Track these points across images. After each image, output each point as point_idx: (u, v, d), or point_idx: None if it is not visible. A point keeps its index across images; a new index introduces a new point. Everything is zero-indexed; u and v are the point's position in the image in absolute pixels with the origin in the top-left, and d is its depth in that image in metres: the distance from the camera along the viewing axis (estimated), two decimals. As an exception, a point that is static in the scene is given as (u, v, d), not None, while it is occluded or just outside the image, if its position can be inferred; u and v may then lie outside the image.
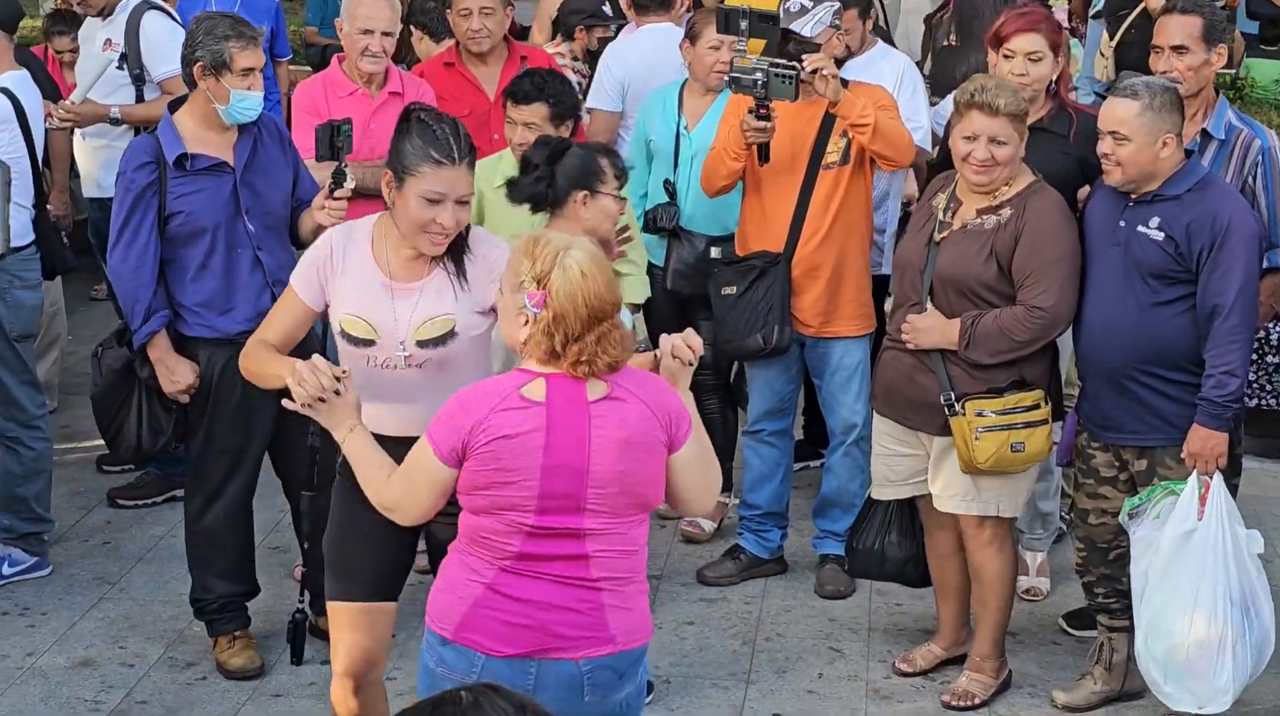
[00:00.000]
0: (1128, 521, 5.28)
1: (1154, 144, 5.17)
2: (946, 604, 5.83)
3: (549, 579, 3.84)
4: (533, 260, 3.76)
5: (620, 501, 3.83)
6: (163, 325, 5.60)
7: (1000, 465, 5.40)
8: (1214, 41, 5.65)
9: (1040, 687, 5.77)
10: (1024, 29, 5.80)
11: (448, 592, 3.92)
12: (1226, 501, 5.19)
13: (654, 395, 3.88)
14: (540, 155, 5.44)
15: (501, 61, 6.85)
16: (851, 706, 5.67)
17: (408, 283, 4.49)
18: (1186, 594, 5.15)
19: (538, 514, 3.78)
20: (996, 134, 5.33)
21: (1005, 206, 5.40)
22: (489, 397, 3.80)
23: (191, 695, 5.69)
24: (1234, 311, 5.13)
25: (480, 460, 3.76)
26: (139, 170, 5.52)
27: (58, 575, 6.49)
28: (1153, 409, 5.29)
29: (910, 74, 6.79)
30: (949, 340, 5.41)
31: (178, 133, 5.55)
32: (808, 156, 6.13)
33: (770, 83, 5.80)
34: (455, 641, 3.87)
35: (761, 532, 6.49)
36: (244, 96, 5.50)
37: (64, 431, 7.72)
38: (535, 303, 3.74)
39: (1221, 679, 5.15)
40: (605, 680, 3.89)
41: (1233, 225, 5.14)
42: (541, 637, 3.84)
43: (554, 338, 3.74)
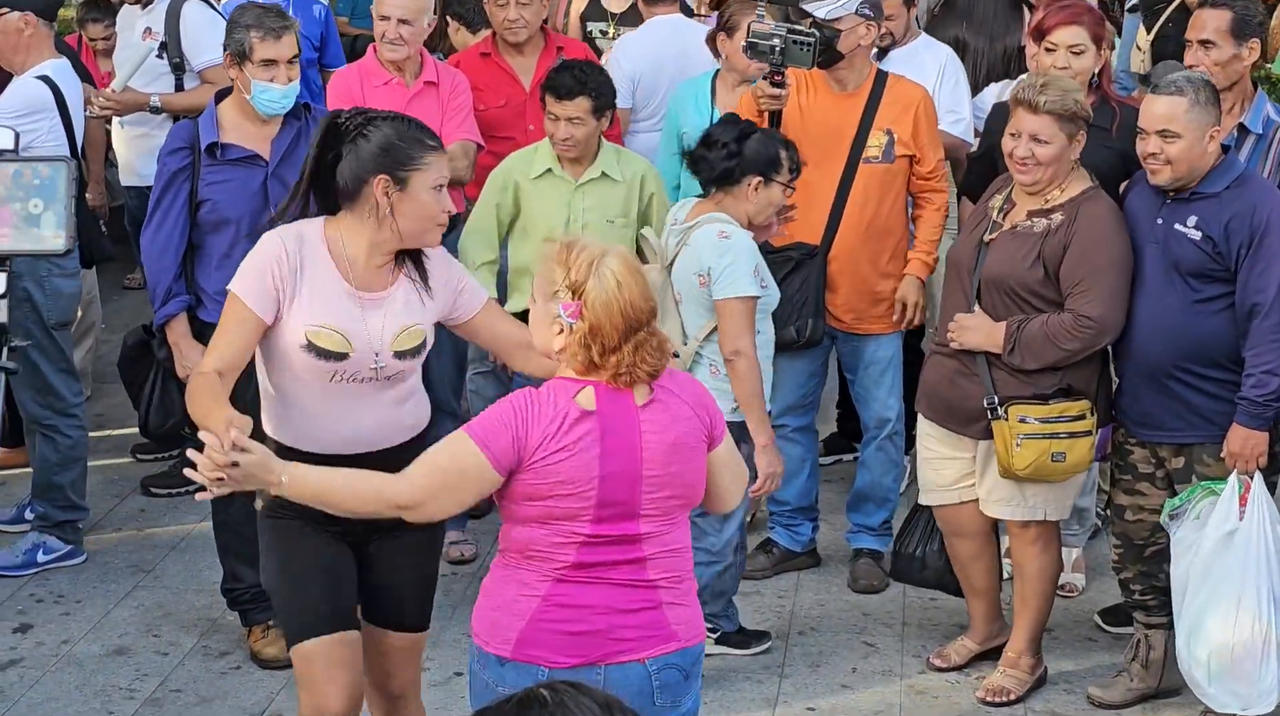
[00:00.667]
0: (1168, 522, 5.25)
1: (1203, 139, 5.13)
2: (976, 602, 5.81)
3: (606, 584, 3.76)
4: (567, 268, 3.67)
5: (670, 502, 3.79)
6: (180, 309, 5.63)
7: (1039, 474, 5.37)
8: (1245, 36, 5.57)
9: (1076, 684, 5.74)
10: (1066, 21, 5.78)
11: (499, 611, 3.80)
12: (1268, 501, 5.15)
13: (693, 394, 3.85)
14: (729, 134, 5.48)
15: (538, 52, 6.84)
16: (886, 701, 5.65)
17: (374, 292, 4.27)
18: (1229, 595, 5.11)
19: (594, 523, 3.71)
20: (1037, 132, 5.29)
21: (1057, 211, 5.34)
22: (546, 408, 3.69)
23: (225, 684, 5.70)
24: (1274, 309, 5.08)
25: (539, 472, 3.68)
26: (173, 154, 5.58)
27: (92, 563, 6.51)
28: (1191, 406, 5.25)
29: (952, 65, 6.77)
30: (994, 342, 5.37)
31: (216, 121, 5.57)
32: (848, 148, 6.11)
33: (788, 49, 5.77)
34: (515, 659, 3.76)
35: (793, 527, 6.47)
36: (264, 88, 5.50)
37: (98, 419, 7.74)
38: (570, 313, 3.65)
39: (1267, 680, 5.12)
40: (673, 680, 3.83)
41: (1271, 222, 5.10)
42: (604, 642, 3.76)
43: (591, 349, 3.66)
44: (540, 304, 3.75)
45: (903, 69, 6.47)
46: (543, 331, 3.76)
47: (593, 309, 3.64)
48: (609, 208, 6.02)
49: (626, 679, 3.76)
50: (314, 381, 4.27)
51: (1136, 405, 5.37)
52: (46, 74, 6.15)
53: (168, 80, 6.86)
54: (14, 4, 6.21)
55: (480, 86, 6.74)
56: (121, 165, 7.26)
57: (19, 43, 6.21)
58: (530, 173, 6.02)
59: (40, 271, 6.19)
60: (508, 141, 6.55)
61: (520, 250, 6.11)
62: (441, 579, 6.25)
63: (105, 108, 6.74)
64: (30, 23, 6.22)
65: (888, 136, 6.10)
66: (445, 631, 6.00)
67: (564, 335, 3.68)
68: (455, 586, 6.38)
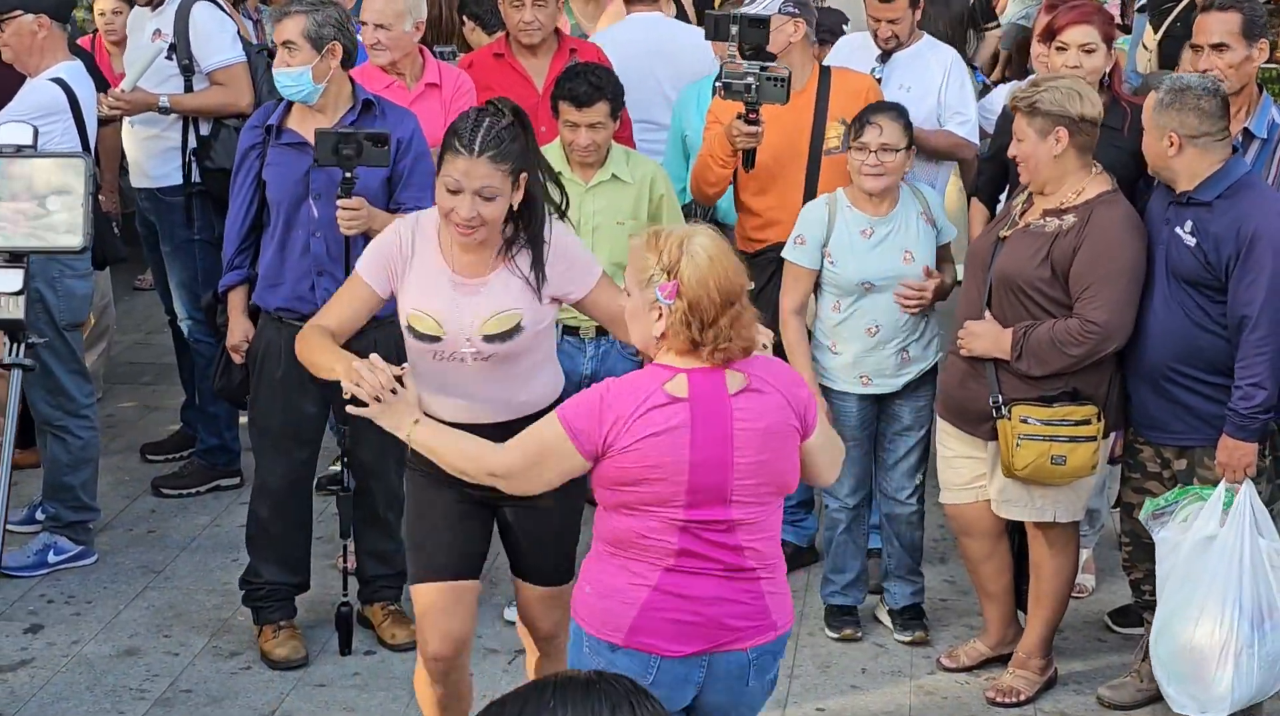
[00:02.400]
0: (1150, 522, 5.25)
1: (1160, 140, 5.18)
2: (989, 605, 5.81)
3: (712, 575, 3.87)
4: (657, 253, 3.77)
5: (762, 490, 3.87)
6: (237, 282, 5.81)
7: (1038, 475, 5.37)
8: (1255, 37, 5.55)
9: (1085, 685, 5.74)
10: (1076, 21, 5.78)
11: (609, 599, 3.91)
12: (1256, 511, 5.12)
13: (787, 384, 3.92)
14: None
15: (551, 54, 6.84)
16: (896, 701, 5.65)
17: (473, 277, 4.50)
18: (1196, 599, 5.10)
19: (687, 508, 3.81)
20: (1015, 131, 5.36)
21: (1070, 212, 5.34)
22: (634, 394, 3.80)
23: (236, 684, 5.71)
24: (1261, 322, 5.07)
25: (628, 457, 3.77)
26: (249, 131, 5.76)
27: (103, 563, 6.53)
28: (1192, 410, 5.25)
29: (957, 67, 6.76)
30: (1001, 348, 5.36)
31: (288, 106, 5.67)
32: (807, 145, 6.15)
33: (762, 87, 5.78)
34: (628, 646, 3.88)
35: (797, 522, 6.49)
36: (279, 73, 5.58)
37: (109, 420, 7.76)
38: (668, 293, 3.75)
39: (1220, 686, 5.08)
40: (766, 664, 4.00)
41: (1259, 233, 5.08)
42: (713, 632, 3.89)
43: (691, 326, 3.75)
44: (636, 295, 3.84)
45: (907, 71, 6.48)
46: (641, 322, 3.85)
47: (689, 286, 3.73)
48: (620, 209, 6.02)
49: (728, 666, 3.94)
50: (422, 359, 4.51)
51: (1141, 406, 5.38)
52: (60, 76, 6.17)
53: (177, 82, 6.87)
54: (27, 6, 6.22)
55: (493, 87, 6.72)
56: (131, 166, 7.28)
57: (33, 45, 6.22)
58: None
59: (52, 272, 6.21)
60: (519, 143, 6.56)
61: None
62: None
63: (115, 108, 6.75)
64: (44, 25, 6.24)
65: (843, 126, 6.12)
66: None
67: (663, 319, 3.77)
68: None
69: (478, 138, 4.34)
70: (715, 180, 6.12)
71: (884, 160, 5.74)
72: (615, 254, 5.96)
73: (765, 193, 6.20)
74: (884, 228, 5.83)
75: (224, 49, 6.83)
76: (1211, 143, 5.17)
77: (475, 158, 4.32)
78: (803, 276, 5.86)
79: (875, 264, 5.81)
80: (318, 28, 5.56)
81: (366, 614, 6.00)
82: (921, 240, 5.82)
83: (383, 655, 5.88)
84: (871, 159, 5.75)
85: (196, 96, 6.86)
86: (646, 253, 3.79)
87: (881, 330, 5.84)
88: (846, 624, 6.07)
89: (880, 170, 5.75)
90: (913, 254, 5.80)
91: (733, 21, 5.85)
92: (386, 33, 6.32)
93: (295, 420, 5.76)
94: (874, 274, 5.81)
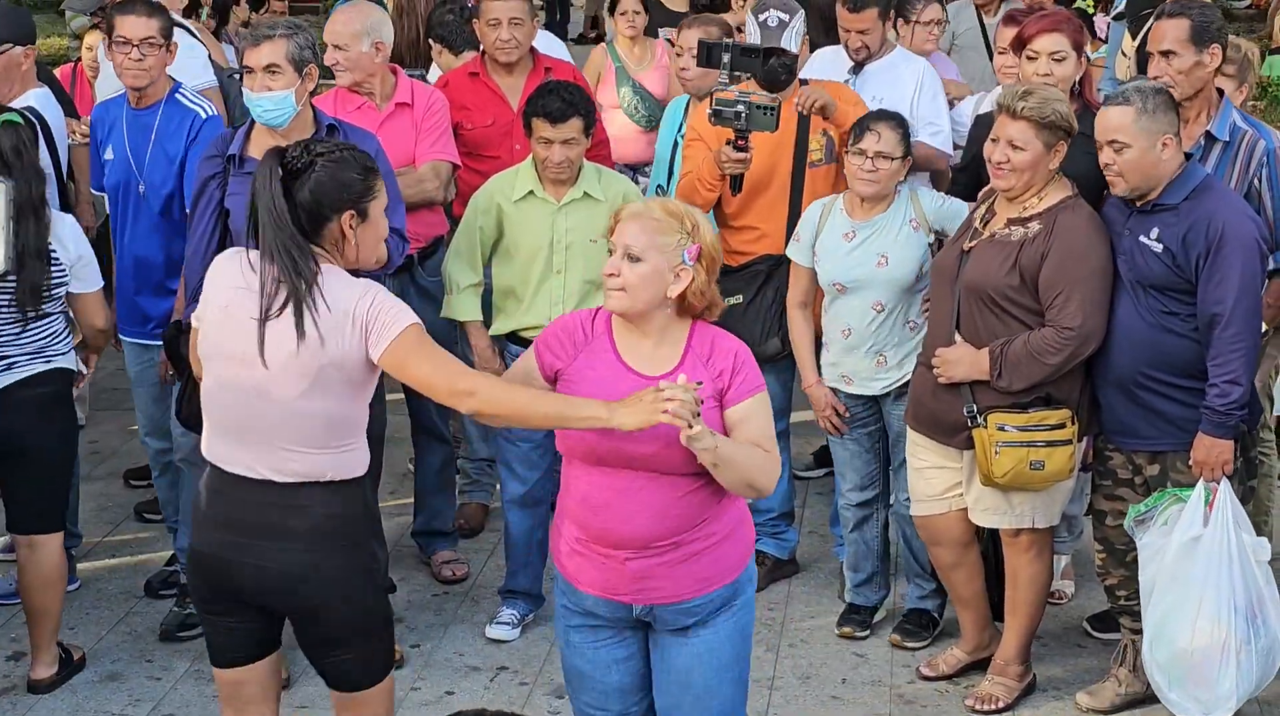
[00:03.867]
0: (1133, 528, 5.27)
1: (1154, 148, 5.16)
2: (964, 611, 5.83)
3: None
4: (680, 219, 4.20)
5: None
6: None
7: (1018, 481, 5.39)
8: (1204, 43, 5.54)
9: (1064, 690, 5.76)
10: (1046, 29, 5.82)
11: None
12: (1234, 508, 5.17)
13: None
14: None
15: (526, 73, 6.88)
16: (875, 711, 5.67)
17: None
18: (1191, 600, 5.14)
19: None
20: (1014, 138, 5.32)
21: (1034, 220, 5.37)
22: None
23: (218, 707, 5.69)
24: (1233, 319, 5.10)
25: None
26: (206, 161, 5.72)
27: (86, 589, 6.54)
28: (1163, 414, 5.28)
29: (930, 78, 6.80)
30: (980, 370, 5.38)
31: (248, 133, 5.66)
32: (791, 159, 6.19)
33: (751, 114, 5.83)
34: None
35: (778, 534, 6.51)
36: (249, 97, 5.57)
37: (92, 446, 7.78)
38: (694, 255, 4.18)
39: (1224, 686, 5.13)
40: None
41: (1226, 232, 5.11)
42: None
43: (710, 277, 4.22)
44: (657, 259, 4.17)
45: (880, 82, 6.53)
46: (654, 285, 4.18)
47: (708, 246, 4.23)
48: (592, 227, 6.04)
49: None
50: None
51: (1111, 413, 5.40)
52: (30, 104, 6.20)
53: (150, 107, 6.90)
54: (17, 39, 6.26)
55: (468, 105, 6.78)
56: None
57: (16, 75, 6.27)
58: (512, 195, 6.05)
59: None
60: (493, 160, 6.59)
61: (504, 272, 6.14)
62: (433, 598, 6.32)
63: (88, 135, 6.78)
64: (29, 56, 6.29)
65: (825, 138, 6.21)
66: (436, 651, 6.03)
67: (682, 279, 4.18)
68: (447, 605, 6.40)
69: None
70: (701, 203, 6.15)
71: (879, 167, 5.79)
72: (588, 271, 5.99)
73: (750, 206, 6.25)
74: (865, 231, 5.87)
75: (195, 73, 6.83)
76: (1177, 142, 5.22)
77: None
78: (800, 272, 6.02)
79: (848, 266, 5.86)
80: (299, 50, 5.56)
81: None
82: (902, 245, 5.84)
83: (364, 675, 5.88)
84: (867, 164, 5.79)
85: (167, 121, 6.88)
86: (671, 219, 4.19)
87: (852, 334, 5.88)
88: (849, 621, 6.15)
89: (874, 176, 5.80)
90: (888, 258, 5.82)
91: (725, 50, 5.90)
92: (344, 53, 6.33)
93: None
94: (845, 276, 5.86)
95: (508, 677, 5.89)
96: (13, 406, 5.59)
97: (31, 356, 5.65)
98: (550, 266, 6.03)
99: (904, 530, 6.08)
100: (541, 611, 6.25)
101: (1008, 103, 5.35)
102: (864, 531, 6.13)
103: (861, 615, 6.16)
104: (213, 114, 6.04)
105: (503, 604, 6.25)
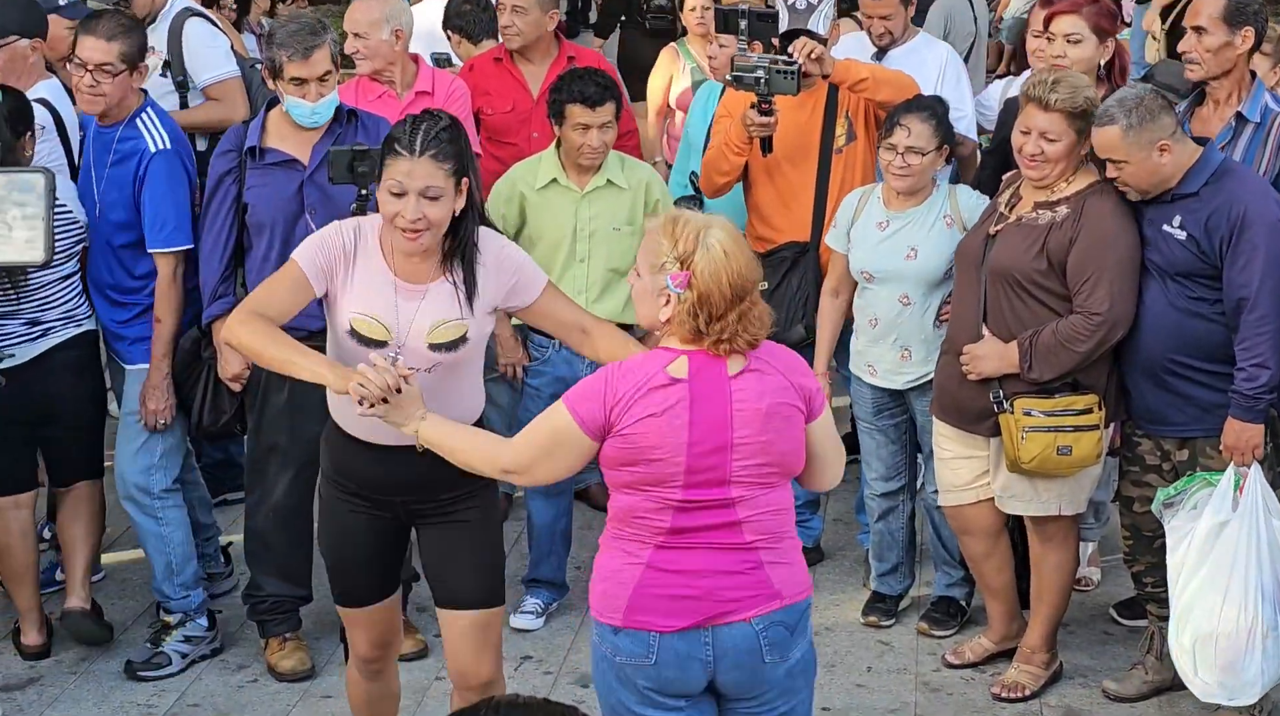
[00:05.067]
0: (1161, 511, 5.25)
1: (1150, 156, 5.14)
2: (993, 602, 5.81)
3: (705, 547, 3.88)
4: (673, 241, 3.81)
5: (765, 470, 3.89)
6: (225, 310, 5.59)
7: (1045, 467, 5.36)
8: (1239, 24, 5.50)
9: (1091, 677, 5.74)
10: (1064, 11, 5.82)
11: (607, 581, 3.95)
12: (1265, 493, 5.13)
13: (789, 367, 3.95)
14: None
15: (549, 60, 6.87)
16: (901, 699, 5.65)
17: (415, 283, 4.43)
18: (1218, 585, 5.11)
19: (685, 488, 3.84)
20: (1047, 129, 5.29)
21: (1063, 204, 5.35)
22: (635, 375, 3.84)
23: (243, 697, 5.72)
24: (1259, 302, 5.07)
25: (626, 438, 3.81)
26: (220, 157, 5.67)
27: (109, 580, 6.55)
28: (1192, 399, 5.24)
29: (953, 63, 6.76)
30: (1010, 363, 5.35)
31: (263, 125, 5.64)
32: (818, 144, 6.19)
33: (771, 78, 5.85)
34: (627, 626, 3.91)
35: (803, 522, 6.48)
36: (295, 104, 5.54)
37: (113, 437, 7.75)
38: (679, 283, 3.79)
39: (1250, 671, 5.10)
40: (779, 637, 3.95)
41: (1249, 215, 5.08)
42: (709, 605, 3.89)
43: (698, 317, 3.79)
44: (646, 278, 3.87)
45: (902, 68, 6.47)
46: (647, 304, 3.89)
47: (701, 278, 3.78)
48: (615, 215, 6.03)
49: (734, 639, 3.91)
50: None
51: (1140, 399, 5.37)
52: (42, 96, 6.18)
53: (172, 99, 6.87)
54: (23, 30, 6.23)
55: (490, 91, 6.78)
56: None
57: (23, 68, 6.24)
58: (535, 183, 6.04)
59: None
60: (511, 147, 6.59)
61: None
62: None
63: None
64: (38, 48, 6.26)
65: (847, 122, 6.20)
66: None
67: (670, 305, 3.82)
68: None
69: (418, 138, 4.32)
70: (728, 169, 6.18)
71: (910, 162, 5.76)
72: (611, 259, 5.98)
73: (777, 192, 6.23)
74: (898, 223, 5.85)
75: (218, 64, 6.84)
76: (1181, 134, 5.20)
77: (417, 158, 4.30)
78: (836, 259, 6.00)
79: (877, 256, 5.84)
80: (335, 48, 5.63)
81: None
82: (934, 240, 5.81)
83: (388, 665, 5.89)
84: (898, 160, 5.76)
85: (192, 112, 6.86)
86: (662, 238, 3.83)
87: (879, 324, 5.86)
88: (873, 610, 6.14)
89: (906, 171, 5.77)
90: (917, 251, 5.80)
91: (741, 16, 5.90)
92: (364, 42, 6.34)
93: (303, 437, 5.76)
94: (873, 265, 5.84)
95: (532, 667, 5.88)
96: (52, 370, 5.78)
97: (64, 321, 5.78)
98: (574, 255, 6.02)
99: (933, 517, 6.06)
100: (565, 600, 6.24)
101: (1038, 94, 5.30)
102: (889, 521, 6.11)
103: (886, 603, 6.14)
104: (163, 147, 5.74)
105: (526, 593, 6.24)
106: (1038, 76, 5.44)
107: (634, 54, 9.89)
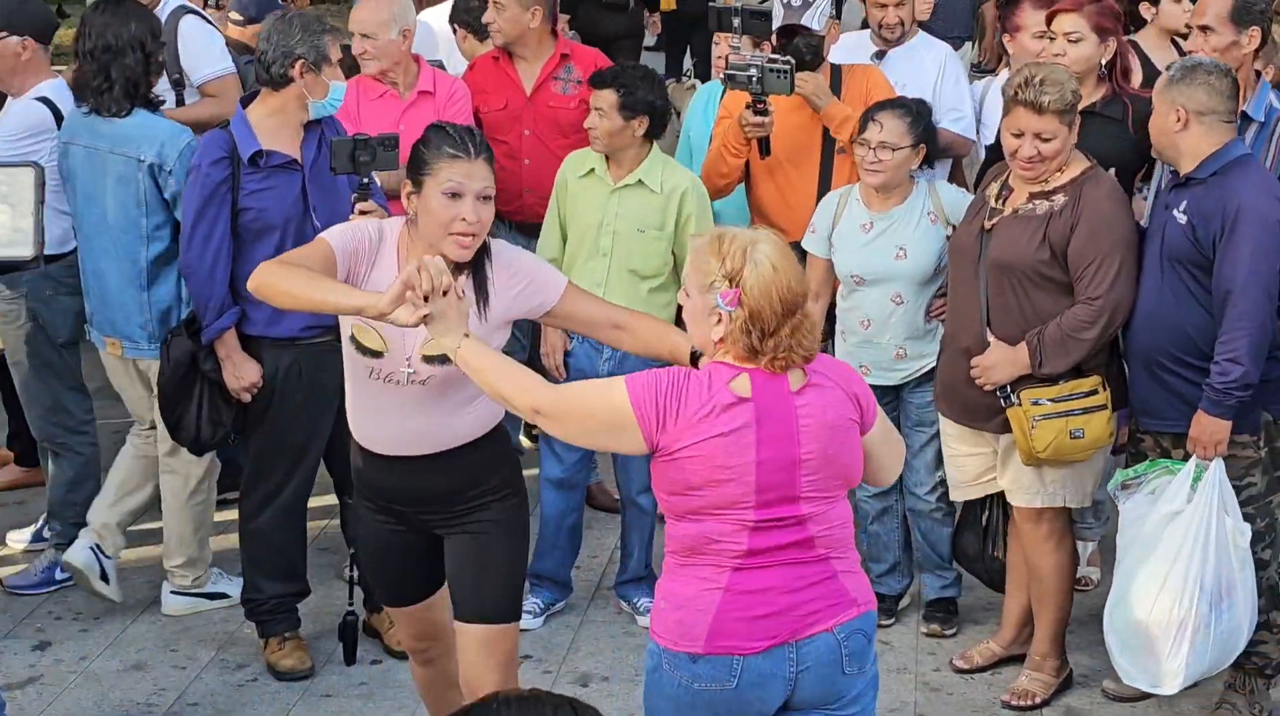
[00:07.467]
0: (1118, 492, 5.25)
1: (1168, 116, 5.16)
2: (1015, 596, 5.79)
3: (781, 565, 3.83)
4: (721, 258, 3.75)
5: (830, 483, 3.85)
6: (234, 322, 5.62)
7: (1061, 453, 5.36)
8: (1245, 23, 5.50)
9: (1092, 678, 5.74)
10: (1065, 9, 5.82)
11: (683, 609, 3.84)
12: (1223, 490, 5.11)
13: (845, 378, 3.91)
14: None
15: (543, 59, 6.85)
16: (901, 699, 5.65)
17: None
18: (1157, 574, 5.12)
19: (756, 508, 3.77)
20: (1041, 131, 5.29)
21: (1059, 192, 5.35)
22: (699, 392, 3.76)
23: (243, 696, 5.72)
24: (1242, 297, 5.05)
25: (694, 460, 3.74)
26: (214, 165, 5.53)
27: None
28: (1184, 397, 5.23)
29: (952, 63, 6.76)
30: (1021, 367, 5.35)
31: (252, 129, 5.57)
32: (820, 144, 6.19)
33: (765, 78, 5.84)
34: (709, 653, 3.81)
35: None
36: (339, 87, 5.59)
37: (114, 438, 7.72)
38: (729, 301, 3.73)
39: (1174, 663, 5.10)
40: (859, 646, 3.90)
41: (1243, 209, 5.06)
42: (792, 620, 3.83)
43: (751, 334, 3.74)
44: (696, 297, 3.81)
45: (901, 68, 6.49)
46: (700, 324, 3.82)
47: (751, 294, 3.72)
48: (643, 217, 5.96)
49: (818, 651, 3.85)
50: (361, 378, 4.41)
51: (1137, 392, 5.38)
52: (45, 95, 6.18)
53: (168, 97, 6.86)
54: (12, 27, 6.22)
55: (486, 89, 6.78)
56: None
57: (16, 66, 6.23)
58: (579, 171, 6.06)
59: (45, 291, 6.22)
60: (503, 145, 6.58)
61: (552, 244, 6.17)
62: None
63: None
64: (29, 46, 6.24)
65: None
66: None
67: (723, 324, 3.75)
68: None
69: (473, 140, 4.30)
70: (728, 171, 6.16)
71: (881, 158, 5.74)
72: (632, 260, 5.95)
73: (780, 191, 6.23)
74: (883, 223, 5.84)
75: (213, 61, 6.83)
76: (1218, 122, 5.16)
77: (475, 159, 4.27)
78: (815, 264, 5.94)
79: (866, 258, 5.84)
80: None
81: (372, 622, 6.01)
82: (921, 238, 5.81)
83: (388, 664, 5.89)
84: (870, 155, 5.75)
85: (188, 110, 6.85)
86: (709, 256, 3.76)
87: (872, 325, 5.86)
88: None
89: (878, 167, 5.75)
90: (906, 251, 5.80)
91: (735, 14, 5.89)
92: (373, 42, 6.35)
93: (315, 438, 5.78)
94: (863, 268, 5.84)
95: (531, 666, 5.88)
96: None
97: None
98: (596, 248, 5.99)
99: (919, 524, 6.06)
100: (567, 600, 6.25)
101: (1029, 98, 5.26)
102: (884, 523, 6.11)
103: (886, 603, 6.13)
104: None
105: (528, 591, 6.23)
106: (1021, 77, 5.37)
107: (590, 26, 10.07)
